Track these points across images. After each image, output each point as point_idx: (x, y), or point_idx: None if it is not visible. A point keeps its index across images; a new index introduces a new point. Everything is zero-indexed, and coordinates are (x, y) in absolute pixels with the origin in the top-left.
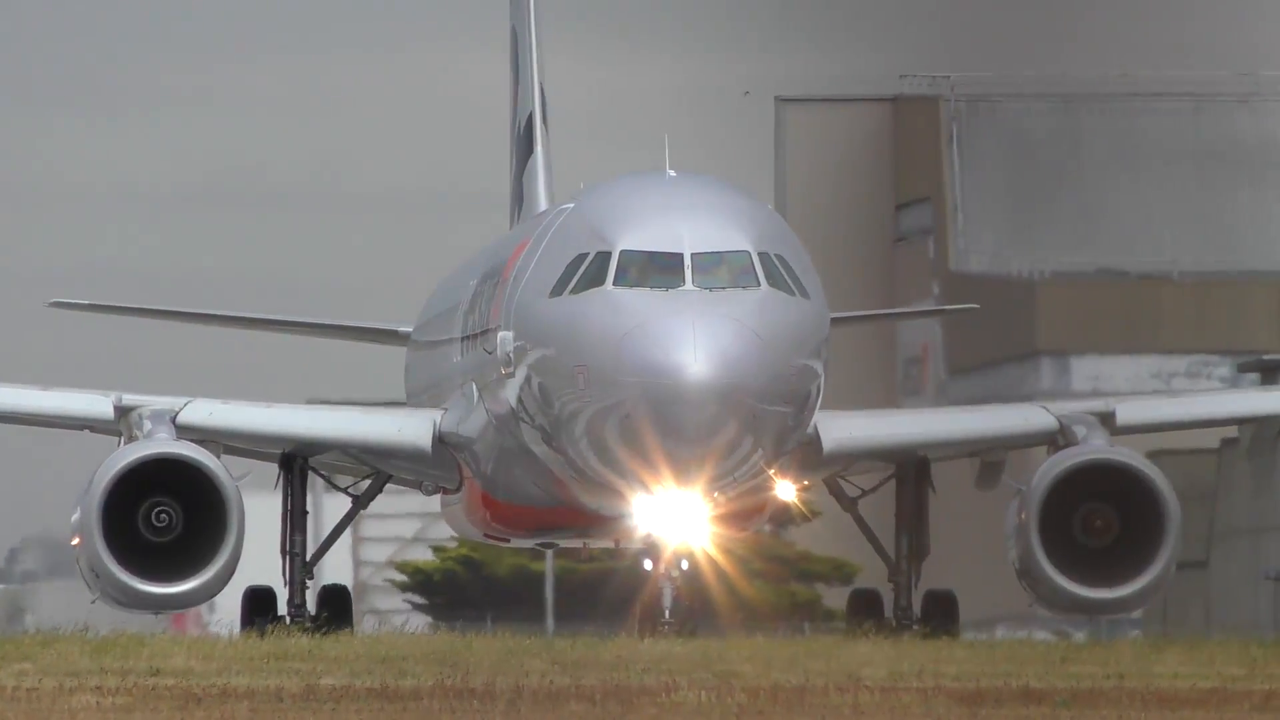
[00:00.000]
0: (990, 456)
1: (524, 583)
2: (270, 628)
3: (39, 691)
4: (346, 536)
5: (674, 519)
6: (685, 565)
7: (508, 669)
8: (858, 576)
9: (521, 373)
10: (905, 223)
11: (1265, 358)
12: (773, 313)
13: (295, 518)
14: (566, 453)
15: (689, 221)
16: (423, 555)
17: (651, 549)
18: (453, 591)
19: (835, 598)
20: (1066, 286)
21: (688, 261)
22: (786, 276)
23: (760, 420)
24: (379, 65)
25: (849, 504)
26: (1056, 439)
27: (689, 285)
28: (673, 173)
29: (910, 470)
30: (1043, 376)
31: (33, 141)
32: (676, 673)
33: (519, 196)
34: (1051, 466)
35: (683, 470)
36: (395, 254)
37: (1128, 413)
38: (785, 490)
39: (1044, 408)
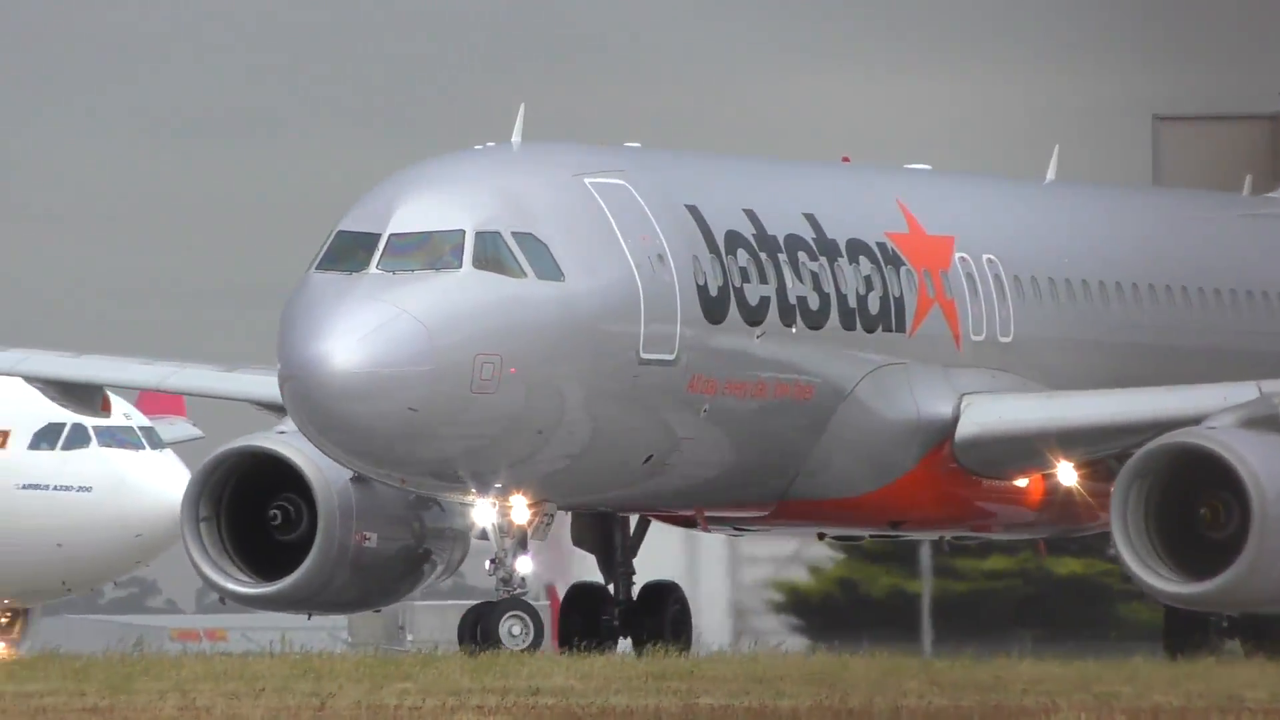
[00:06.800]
0: None
1: (900, 603)
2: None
3: (420, 711)
4: (724, 558)
5: (498, 517)
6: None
7: (885, 689)
8: None
9: None
10: None
11: None
12: (464, 295)
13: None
14: None
15: (410, 199)
16: (800, 575)
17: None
18: (829, 611)
19: None
20: None
21: (382, 243)
22: (521, 257)
23: (462, 410)
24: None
25: None
26: None
27: (372, 269)
28: (490, 144)
29: None
30: None
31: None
32: (1055, 694)
33: None
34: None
35: (378, 473)
36: None
37: None
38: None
39: (1258, 385)
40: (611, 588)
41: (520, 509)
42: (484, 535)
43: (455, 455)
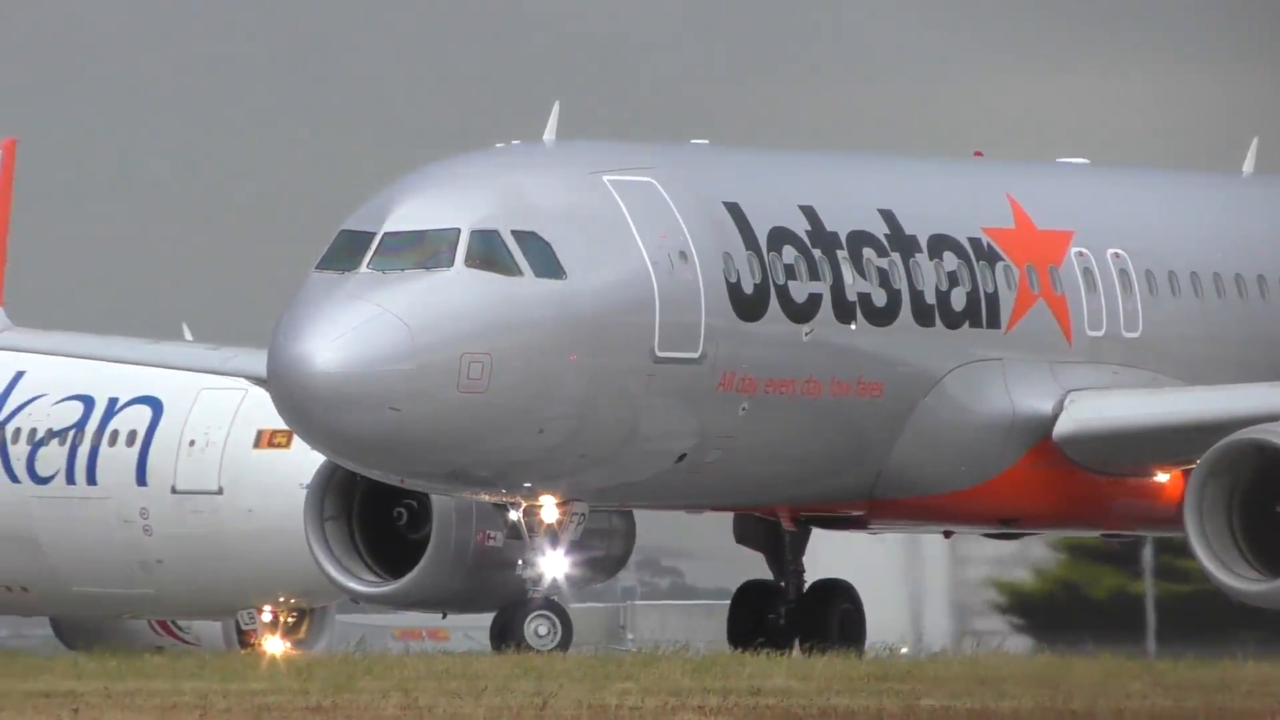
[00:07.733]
0: None
1: (1124, 604)
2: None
3: (641, 711)
4: (944, 558)
5: (525, 516)
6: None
7: (1108, 691)
8: None
9: None
10: None
11: None
12: (451, 294)
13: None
14: None
15: (408, 199)
16: (1022, 576)
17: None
18: (1051, 612)
19: None
20: None
21: (375, 242)
22: (520, 256)
23: (449, 410)
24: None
25: None
26: None
27: (364, 268)
28: (516, 142)
29: None
30: None
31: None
32: None
33: None
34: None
35: (371, 474)
36: None
37: None
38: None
39: None
40: (784, 585)
41: (549, 508)
42: (515, 534)
43: (446, 455)
